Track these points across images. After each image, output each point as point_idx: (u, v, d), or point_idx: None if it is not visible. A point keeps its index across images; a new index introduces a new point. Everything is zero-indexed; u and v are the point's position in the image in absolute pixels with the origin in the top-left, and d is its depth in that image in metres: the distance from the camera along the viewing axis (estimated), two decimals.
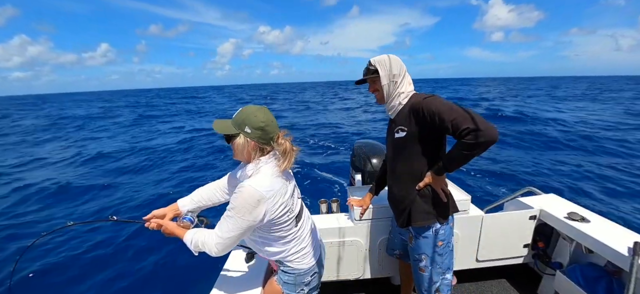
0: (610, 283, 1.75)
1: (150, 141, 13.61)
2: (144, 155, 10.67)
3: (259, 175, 1.15)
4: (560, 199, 2.33)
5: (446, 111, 1.22)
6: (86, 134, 16.44)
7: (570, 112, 17.72)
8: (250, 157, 1.19)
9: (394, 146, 1.48)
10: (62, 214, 5.72)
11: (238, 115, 1.17)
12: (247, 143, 1.17)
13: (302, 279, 1.33)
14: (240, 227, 1.13)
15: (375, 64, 1.42)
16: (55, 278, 3.74)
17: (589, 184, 6.55)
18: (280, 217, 1.18)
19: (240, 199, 1.11)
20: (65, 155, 11.00)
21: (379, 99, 1.49)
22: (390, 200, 1.64)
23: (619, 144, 9.81)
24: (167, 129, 17.09)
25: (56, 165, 9.74)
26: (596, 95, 31.36)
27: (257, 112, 1.16)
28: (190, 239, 1.22)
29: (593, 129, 12.18)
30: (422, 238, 1.50)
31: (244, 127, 1.15)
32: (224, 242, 1.16)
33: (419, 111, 1.31)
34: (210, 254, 1.19)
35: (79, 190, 7.01)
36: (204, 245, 1.19)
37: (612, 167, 7.59)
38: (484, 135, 1.12)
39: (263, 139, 1.16)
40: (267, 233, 1.23)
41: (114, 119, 23.66)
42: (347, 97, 36.24)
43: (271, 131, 1.17)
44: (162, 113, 27.02)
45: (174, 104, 38.31)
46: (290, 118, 19.38)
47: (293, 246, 1.28)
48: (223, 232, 1.15)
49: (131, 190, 7.09)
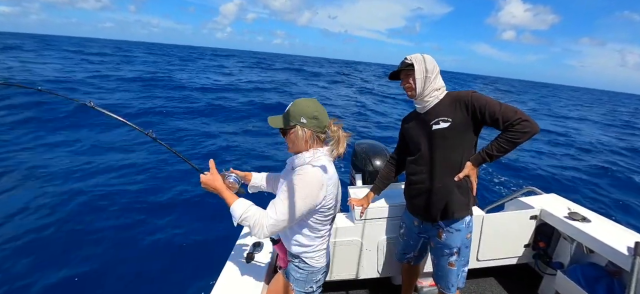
0: (611, 283, 1.75)
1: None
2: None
3: (316, 162, 1.19)
4: (561, 199, 2.33)
5: (495, 104, 1.35)
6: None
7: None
8: (308, 146, 1.23)
9: (431, 138, 1.48)
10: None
11: (292, 108, 1.22)
12: (304, 133, 1.20)
13: (314, 277, 1.35)
14: (299, 209, 1.14)
15: (411, 59, 1.48)
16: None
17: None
18: (328, 208, 1.22)
19: (304, 181, 1.13)
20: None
21: (411, 93, 1.51)
22: (418, 195, 1.58)
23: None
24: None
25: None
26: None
27: (309, 103, 1.22)
28: (242, 212, 1.18)
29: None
30: (455, 231, 1.52)
31: (300, 118, 1.19)
32: (278, 223, 1.15)
33: (469, 104, 1.38)
34: (257, 234, 1.17)
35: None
36: (255, 224, 1.16)
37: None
38: (530, 125, 1.28)
39: (318, 127, 1.21)
40: (306, 222, 1.24)
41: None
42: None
43: (324, 119, 1.23)
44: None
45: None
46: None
47: (319, 243, 1.31)
48: (279, 214, 1.14)
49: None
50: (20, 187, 5.20)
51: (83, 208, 4.80)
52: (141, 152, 7.04)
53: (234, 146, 8.03)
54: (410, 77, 1.49)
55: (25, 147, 6.98)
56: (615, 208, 5.97)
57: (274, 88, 19.95)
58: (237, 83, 20.54)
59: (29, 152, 6.65)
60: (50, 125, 8.42)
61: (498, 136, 1.37)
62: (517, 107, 1.32)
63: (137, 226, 4.64)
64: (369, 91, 25.02)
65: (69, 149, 6.95)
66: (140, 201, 5.18)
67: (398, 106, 18.34)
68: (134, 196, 5.32)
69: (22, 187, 5.22)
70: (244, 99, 14.85)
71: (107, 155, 6.81)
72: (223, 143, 8.23)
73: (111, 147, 7.26)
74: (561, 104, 31.05)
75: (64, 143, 7.31)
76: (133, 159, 6.68)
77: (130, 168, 6.22)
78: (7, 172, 5.56)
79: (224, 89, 17.45)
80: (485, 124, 1.40)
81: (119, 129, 8.27)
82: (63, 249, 3.94)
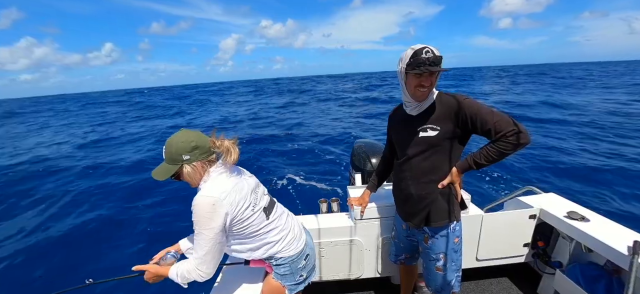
0: (610, 282, 1.75)
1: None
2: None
3: (207, 184, 1.18)
4: (560, 198, 2.34)
5: (488, 113, 1.27)
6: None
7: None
8: (204, 175, 1.21)
9: (417, 144, 1.42)
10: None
11: (168, 150, 1.17)
12: (194, 167, 1.18)
13: (297, 265, 1.37)
14: (210, 239, 1.14)
15: (439, 54, 1.25)
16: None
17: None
18: (243, 213, 1.20)
19: (197, 213, 1.12)
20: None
21: (423, 95, 1.34)
22: (403, 199, 1.57)
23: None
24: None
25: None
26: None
27: (181, 137, 1.18)
28: (175, 273, 1.21)
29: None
30: (440, 237, 1.50)
31: (182, 157, 1.16)
32: (203, 261, 1.16)
33: (460, 113, 1.31)
34: (199, 279, 1.18)
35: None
36: (189, 273, 1.18)
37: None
38: (525, 137, 1.21)
39: (203, 154, 1.18)
40: (239, 234, 1.24)
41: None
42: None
43: (203, 142, 1.19)
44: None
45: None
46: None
47: (273, 236, 1.30)
48: (198, 252, 1.15)
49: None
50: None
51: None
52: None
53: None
54: (434, 76, 1.29)
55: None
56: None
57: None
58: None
59: None
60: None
61: (488, 144, 1.30)
62: (510, 116, 1.26)
63: (137, 226, 4.64)
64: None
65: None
66: (140, 202, 5.17)
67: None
68: (133, 197, 5.31)
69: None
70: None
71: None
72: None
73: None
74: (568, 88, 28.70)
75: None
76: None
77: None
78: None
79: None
80: (476, 133, 1.33)
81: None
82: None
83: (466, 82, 40.93)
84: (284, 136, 12.37)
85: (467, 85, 36.44)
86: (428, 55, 1.24)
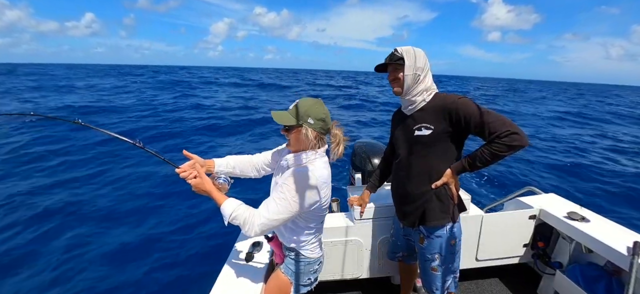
0: (610, 283, 1.75)
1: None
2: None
3: (316, 163, 1.21)
4: (560, 199, 2.34)
5: (483, 113, 1.26)
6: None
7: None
8: (311, 146, 1.23)
9: (412, 143, 1.44)
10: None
11: (300, 107, 1.20)
12: (311, 133, 1.20)
13: (312, 268, 1.39)
14: (291, 210, 1.15)
15: (402, 52, 1.38)
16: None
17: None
18: (323, 208, 1.25)
19: (299, 183, 1.14)
20: None
21: (397, 89, 1.43)
22: (399, 199, 1.59)
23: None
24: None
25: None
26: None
27: (317, 104, 1.22)
28: (232, 211, 1.17)
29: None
30: (435, 237, 1.49)
31: (307, 119, 1.19)
32: (270, 223, 1.15)
33: (453, 112, 1.31)
34: (248, 233, 1.17)
35: None
36: (245, 222, 1.16)
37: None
38: (520, 138, 1.19)
39: (324, 130, 1.23)
40: (304, 220, 1.27)
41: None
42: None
43: (329, 121, 1.24)
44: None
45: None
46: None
47: (313, 236, 1.34)
48: (271, 213, 1.15)
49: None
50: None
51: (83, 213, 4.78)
52: (128, 160, 6.96)
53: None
54: (400, 72, 1.39)
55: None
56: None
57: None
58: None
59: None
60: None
61: (483, 146, 1.29)
62: (506, 117, 1.24)
63: (137, 227, 4.64)
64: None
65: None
66: (139, 203, 5.18)
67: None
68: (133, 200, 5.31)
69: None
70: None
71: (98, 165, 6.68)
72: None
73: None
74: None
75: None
76: (117, 169, 6.60)
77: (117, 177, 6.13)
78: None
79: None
80: (470, 133, 1.33)
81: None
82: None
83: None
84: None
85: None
86: (392, 55, 1.41)
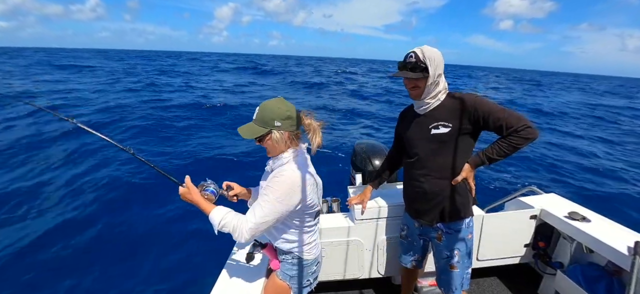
0: (611, 283, 1.75)
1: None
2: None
3: (293, 164, 1.21)
4: (561, 199, 2.33)
5: (499, 110, 1.33)
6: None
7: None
8: (286, 146, 1.23)
9: (430, 142, 1.45)
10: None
11: (262, 113, 1.19)
12: (281, 135, 1.20)
13: (309, 269, 1.38)
14: (277, 211, 1.17)
15: (426, 60, 1.35)
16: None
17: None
18: (308, 206, 1.24)
19: (280, 184, 1.16)
20: None
21: (416, 95, 1.44)
22: (416, 198, 1.56)
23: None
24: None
25: None
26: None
27: (278, 104, 1.20)
28: (220, 219, 1.19)
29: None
30: (454, 232, 1.51)
31: (273, 122, 1.17)
32: (257, 227, 1.17)
33: (471, 110, 1.35)
34: (239, 238, 1.18)
35: None
36: (235, 229, 1.17)
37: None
38: (533, 132, 1.29)
39: (293, 126, 1.21)
40: (290, 220, 1.27)
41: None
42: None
43: (296, 116, 1.22)
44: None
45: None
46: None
47: (307, 237, 1.33)
48: (258, 217, 1.16)
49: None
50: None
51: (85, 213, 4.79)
52: (122, 167, 6.84)
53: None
54: (420, 80, 1.38)
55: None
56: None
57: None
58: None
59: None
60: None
61: (499, 139, 1.36)
62: (520, 113, 1.32)
63: (137, 227, 4.65)
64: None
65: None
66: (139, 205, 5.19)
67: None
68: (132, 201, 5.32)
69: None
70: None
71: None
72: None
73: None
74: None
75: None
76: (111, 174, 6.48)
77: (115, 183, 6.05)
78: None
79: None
80: (488, 129, 1.38)
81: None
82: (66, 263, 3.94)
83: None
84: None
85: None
86: (409, 59, 1.38)
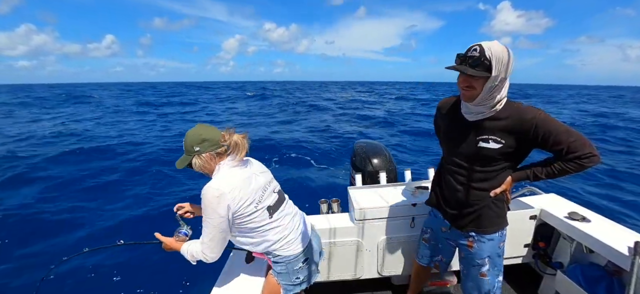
0: (611, 283, 1.75)
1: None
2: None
3: (218, 175, 1.28)
4: (561, 199, 2.33)
5: (563, 132, 1.16)
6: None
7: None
8: (213, 166, 1.31)
9: (474, 154, 1.32)
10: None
11: (184, 143, 1.31)
12: (203, 158, 1.28)
13: (294, 266, 1.41)
14: (214, 226, 1.24)
15: (492, 57, 1.11)
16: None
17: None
18: (245, 208, 1.26)
19: (204, 201, 1.23)
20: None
21: (470, 97, 1.22)
22: (451, 202, 1.48)
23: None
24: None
25: None
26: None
27: (194, 130, 1.30)
28: (186, 251, 1.36)
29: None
30: (487, 241, 1.43)
31: (193, 148, 1.27)
32: (208, 245, 1.28)
33: (530, 129, 1.19)
34: (205, 260, 1.32)
35: None
36: (196, 254, 1.33)
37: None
38: (597, 160, 1.15)
39: (212, 146, 1.28)
40: (241, 228, 1.32)
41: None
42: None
43: (213, 136, 1.28)
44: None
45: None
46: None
47: (273, 235, 1.35)
48: (205, 237, 1.28)
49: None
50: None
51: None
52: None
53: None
54: (479, 80, 1.16)
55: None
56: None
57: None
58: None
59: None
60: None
61: (554, 160, 1.23)
62: (586, 138, 1.16)
63: (137, 227, 4.65)
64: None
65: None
66: (138, 203, 5.18)
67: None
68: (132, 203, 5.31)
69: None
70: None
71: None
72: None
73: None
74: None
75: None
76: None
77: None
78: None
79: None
80: (544, 149, 1.23)
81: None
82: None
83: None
84: (283, 135, 12.38)
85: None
86: (472, 53, 1.14)
